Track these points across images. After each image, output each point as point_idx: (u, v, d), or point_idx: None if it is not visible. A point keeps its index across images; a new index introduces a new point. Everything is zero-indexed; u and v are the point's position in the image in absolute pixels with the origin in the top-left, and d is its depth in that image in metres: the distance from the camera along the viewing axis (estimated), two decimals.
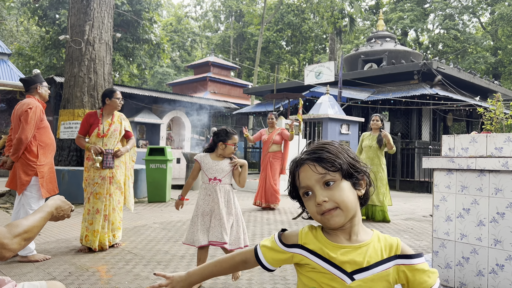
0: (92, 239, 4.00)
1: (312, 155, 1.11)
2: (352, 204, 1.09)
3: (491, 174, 2.57)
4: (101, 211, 4.05)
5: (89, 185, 4.09)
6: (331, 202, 1.08)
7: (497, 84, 16.73)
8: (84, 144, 4.12)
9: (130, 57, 18.38)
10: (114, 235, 4.17)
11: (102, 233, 4.05)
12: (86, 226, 4.04)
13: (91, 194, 4.07)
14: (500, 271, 2.49)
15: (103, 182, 4.07)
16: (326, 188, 1.08)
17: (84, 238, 4.03)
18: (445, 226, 2.80)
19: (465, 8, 30.11)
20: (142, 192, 8.23)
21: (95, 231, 4.01)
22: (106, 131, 4.14)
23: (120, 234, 4.27)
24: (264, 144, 7.33)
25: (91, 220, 4.03)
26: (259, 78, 34.59)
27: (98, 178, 4.06)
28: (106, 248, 4.08)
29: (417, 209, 7.87)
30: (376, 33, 18.58)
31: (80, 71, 7.78)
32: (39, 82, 3.86)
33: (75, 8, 7.92)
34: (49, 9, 16.98)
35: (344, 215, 1.09)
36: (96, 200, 4.06)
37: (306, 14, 33.00)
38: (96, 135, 4.11)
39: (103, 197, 4.07)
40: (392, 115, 15.15)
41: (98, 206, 4.05)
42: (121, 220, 4.30)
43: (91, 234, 4.01)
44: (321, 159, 1.09)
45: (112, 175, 4.13)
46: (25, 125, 3.59)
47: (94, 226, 4.02)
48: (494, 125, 3.10)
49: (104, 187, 4.07)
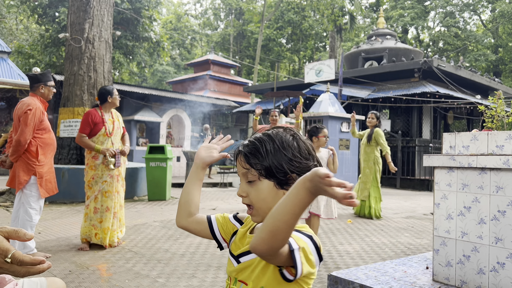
0: (103, 237, 4.03)
1: (246, 147, 1.07)
2: (267, 206, 1.02)
3: (492, 172, 2.56)
4: (111, 209, 4.09)
5: (96, 183, 4.09)
6: (247, 198, 1.07)
7: (497, 81, 16.71)
8: (92, 145, 4.03)
9: (130, 55, 18.36)
10: (121, 231, 4.26)
11: (112, 230, 4.09)
12: (94, 225, 4.04)
13: (99, 192, 4.08)
14: (501, 269, 2.48)
15: (112, 180, 4.11)
16: (248, 184, 1.06)
17: (94, 236, 4.04)
18: (446, 224, 2.79)
19: (466, 6, 30.06)
20: (142, 191, 8.22)
21: (105, 228, 4.04)
22: (111, 129, 4.15)
23: (124, 230, 4.33)
24: None
25: (101, 218, 4.05)
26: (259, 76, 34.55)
27: (107, 177, 4.09)
28: (115, 245, 4.13)
29: (418, 207, 7.87)
30: (376, 31, 18.54)
31: (80, 69, 7.77)
32: (43, 81, 3.82)
33: (74, 6, 7.90)
34: (49, 7, 16.95)
35: (259, 215, 1.06)
36: (106, 198, 4.08)
37: (306, 11, 32.93)
38: (103, 134, 4.10)
39: (112, 195, 4.11)
40: (392, 113, 15.13)
41: (108, 204, 4.08)
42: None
43: (102, 232, 4.03)
44: (250, 154, 1.05)
45: (119, 173, 4.20)
46: (24, 127, 3.57)
47: (104, 224, 4.05)
48: (495, 122, 3.08)
49: (113, 185, 4.12)
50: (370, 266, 3.18)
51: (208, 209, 6.82)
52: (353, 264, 3.71)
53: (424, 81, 13.92)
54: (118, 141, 4.26)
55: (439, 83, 14.01)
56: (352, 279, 2.82)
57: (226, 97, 24.35)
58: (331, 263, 3.72)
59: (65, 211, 6.27)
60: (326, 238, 4.81)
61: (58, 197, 6.74)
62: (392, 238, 4.92)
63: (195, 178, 1.30)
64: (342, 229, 5.41)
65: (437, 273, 2.82)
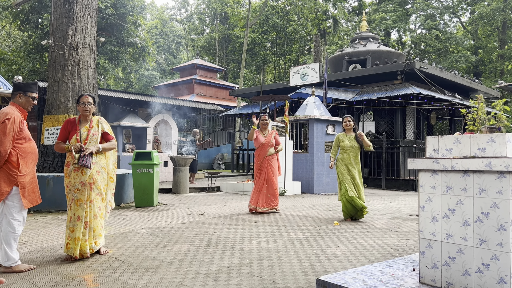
0: (73, 247, 3.92)
1: None
2: None
3: (475, 175, 2.62)
4: (82, 218, 3.97)
5: (70, 191, 4.02)
6: None
7: (478, 82, 17.05)
8: (64, 147, 4.09)
9: (115, 61, 18.19)
10: (95, 242, 4.09)
11: (83, 240, 3.97)
12: (68, 234, 3.97)
13: (72, 201, 4.00)
14: (486, 270, 2.53)
15: (83, 188, 4.00)
16: None
17: (65, 246, 3.97)
18: (431, 227, 2.83)
19: (446, 8, 30.63)
20: (129, 197, 8.15)
21: (76, 238, 3.93)
22: (85, 137, 4.09)
23: (101, 241, 4.17)
24: (262, 148, 7.16)
25: (73, 227, 3.96)
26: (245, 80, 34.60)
27: (79, 184, 3.99)
28: (87, 255, 3.99)
29: (403, 208, 7.97)
30: (359, 34, 18.77)
31: (63, 76, 7.67)
32: (22, 90, 3.76)
33: (57, 12, 7.81)
34: (31, 13, 16.71)
35: None
36: (77, 207, 3.98)
37: (290, 16, 33.16)
38: (75, 141, 4.05)
39: (83, 204, 3.99)
40: (376, 114, 15.31)
41: (79, 213, 3.98)
42: (103, 226, 4.21)
43: (72, 241, 3.93)
44: None
45: (93, 181, 4.05)
46: (2, 138, 3.50)
47: (75, 233, 3.94)
48: (477, 125, 3.15)
49: (84, 193, 4.00)
50: (358, 270, 3.21)
51: (196, 214, 6.80)
52: (341, 267, 3.74)
53: (407, 83, 14.14)
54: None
55: (422, 85, 14.24)
56: (340, 283, 2.84)
57: (213, 101, 24.31)
58: (319, 267, 3.74)
59: (50, 220, 6.17)
60: (314, 241, 4.83)
61: (43, 206, 6.62)
62: (378, 239, 4.97)
63: None
64: (329, 231, 5.45)
65: (424, 275, 2.87)
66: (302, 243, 4.73)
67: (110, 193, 4.36)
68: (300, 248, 4.51)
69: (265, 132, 7.30)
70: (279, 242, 4.81)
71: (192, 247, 4.48)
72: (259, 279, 3.39)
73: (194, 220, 6.28)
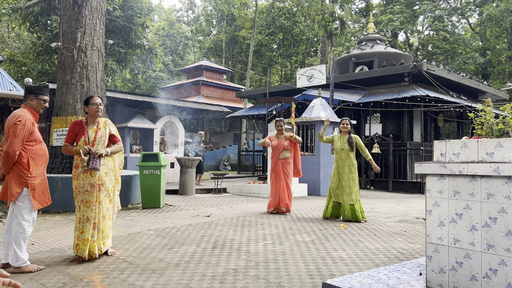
0: (82, 248, 3.97)
1: None
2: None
3: (482, 179, 2.61)
4: (91, 219, 4.02)
5: (79, 193, 4.06)
6: None
7: (486, 84, 16.92)
8: (71, 149, 4.11)
9: (122, 62, 18.31)
10: (104, 243, 4.14)
11: (92, 241, 4.02)
12: (77, 235, 4.01)
13: (81, 202, 4.04)
14: (494, 276, 2.52)
15: (92, 190, 4.04)
16: None
17: (75, 247, 4.01)
18: (438, 231, 2.83)
19: (454, 10, 30.45)
20: (136, 198, 8.20)
21: (85, 239, 3.97)
22: (93, 139, 4.12)
23: (109, 242, 4.22)
24: (274, 150, 7.43)
25: (82, 228, 4.01)
26: (251, 81, 34.63)
27: (88, 186, 4.03)
28: (96, 256, 4.04)
29: (410, 211, 7.93)
30: (366, 36, 18.71)
31: (72, 78, 7.75)
32: (34, 93, 3.82)
33: (66, 15, 7.89)
34: (41, 15, 16.88)
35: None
36: (86, 208, 4.03)
37: (297, 17, 33.14)
38: (83, 143, 4.09)
39: (92, 205, 4.03)
40: (383, 116, 15.26)
41: (88, 215, 4.02)
42: (110, 228, 4.26)
43: (82, 243, 3.98)
44: None
45: (101, 183, 4.09)
46: (13, 139, 3.55)
47: (84, 235, 3.99)
48: (485, 129, 3.14)
49: (93, 195, 4.04)
50: (364, 273, 3.21)
51: (203, 215, 6.82)
52: (347, 270, 3.74)
53: (414, 85, 14.07)
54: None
55: (429, 87, 14.17)
56: (346, 287, 2.84)
57: (219, 102, 24.38)
58: (326, 270, 3.74)
59: (58, 221, 6.23)
60: (320, 244, 4.83)
61: (51, 206, 6.69)
62: (385, 243, 4.95)
63: None
64: (335, 234, 5.44)
65: (431, 280, 2.86)
66: (308, 246, 4.74)
67: (117, 194, 4.40)
68: (306, 251, 4.51)
69: (280, 136, 7.52)
70: (285, 244, 4.82)
71: (198, 249, 4.50)
72: (265, 282, 3.40)
73: (200, 221, 6.30)
